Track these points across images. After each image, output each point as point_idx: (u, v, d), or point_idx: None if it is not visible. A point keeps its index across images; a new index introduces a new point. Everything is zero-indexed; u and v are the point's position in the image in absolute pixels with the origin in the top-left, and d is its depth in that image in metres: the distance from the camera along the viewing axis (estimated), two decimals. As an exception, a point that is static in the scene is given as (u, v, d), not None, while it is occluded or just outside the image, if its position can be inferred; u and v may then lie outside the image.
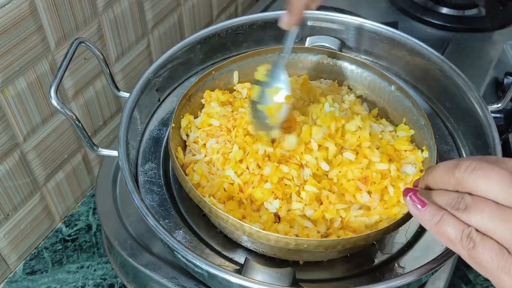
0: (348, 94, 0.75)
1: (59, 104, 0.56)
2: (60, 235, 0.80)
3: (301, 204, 0.59)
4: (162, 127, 0.72)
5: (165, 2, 0.87)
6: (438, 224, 0.42)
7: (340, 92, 0.75)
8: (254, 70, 0.67)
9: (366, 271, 0.60)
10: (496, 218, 0.39)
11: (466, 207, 0.41)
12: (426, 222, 0.44)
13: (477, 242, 0.40)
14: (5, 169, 0.68)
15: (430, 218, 0.43)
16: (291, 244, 0.53)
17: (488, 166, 0.41)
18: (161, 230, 0.54)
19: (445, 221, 0.42)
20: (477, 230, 0.41)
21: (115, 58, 0.81)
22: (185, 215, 0.64)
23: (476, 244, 0.40)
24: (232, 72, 0.74)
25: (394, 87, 0.70)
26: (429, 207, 0.43)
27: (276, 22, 0.80)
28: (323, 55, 0.76)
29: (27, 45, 0.64)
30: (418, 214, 0.44)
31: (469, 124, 0.70)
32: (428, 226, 0.44)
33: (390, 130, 0.69)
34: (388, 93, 0.72)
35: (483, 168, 0.41)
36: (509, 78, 0.93)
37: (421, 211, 0.44)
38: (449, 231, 0.42)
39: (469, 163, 0.42)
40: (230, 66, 0.74)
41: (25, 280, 0.75)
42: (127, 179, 0.58)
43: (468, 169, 0.41)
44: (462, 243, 0.41)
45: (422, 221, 0.44)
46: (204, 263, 0.52)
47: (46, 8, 0.65)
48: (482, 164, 0.41)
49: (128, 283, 0.67)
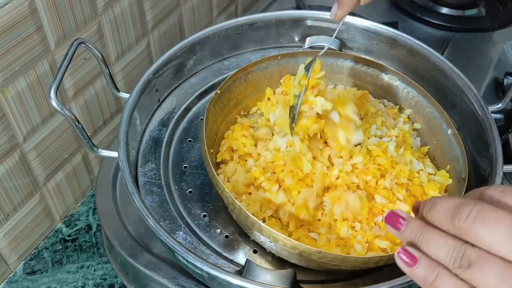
0: (405, 123, 0.72)
1: (58, 105, 0.56)
2: (60, 235, 0.80)
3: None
4: (162, 127, 0.72)
5: (165, 2, 0.87)
6: (434, 284, 0.36)
7: (396, 118, 0.72)
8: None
9: (367, 272, 0.60)
10: (506, 279, 0.33)
11: (470, 264, 0.34)
12: (419, 280, 0.37)
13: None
14: (5, 169, 0.68)
15: (424, 276, 0.37)
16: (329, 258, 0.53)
17: (492, 214, 0.34)
18: (161, 231, 0.54)
19: (442, 281, 0.36)
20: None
21: (115, 58, 0.80)
22: (185, 216, 0.64)
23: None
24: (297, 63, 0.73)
25: (451, 131, 0.67)
26: (422, 264, 0.37)
27: (276, 22, 0.80)
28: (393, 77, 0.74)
29: (27, 45, 0.64)
30: (409, 272, 0.38)
31: (469, 124, 0.70)
32: (422, 285, 0.37)
33: (430, 172, 0.67)
34: (443, 136, 0.68)
35: (486, 216, 0.34)
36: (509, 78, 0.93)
37: (412, 269, 0.37)
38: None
39: (470, 209, 0.35)
40: (298, 57, 0.74)
41: (25, 280, 0.75)
42: (127, 180, 0.58)
43: (469, 218, 0.35)
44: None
45: (414, 278, 0.38)
46: (205, 264, 0.52)
47: (46, 8, 0.65)
48: (485, 212, 0.35)
49: (128, 283, 0.67)
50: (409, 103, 0.73)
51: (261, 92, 0.74)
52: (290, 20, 0.81)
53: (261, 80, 0.74)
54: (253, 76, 0.73)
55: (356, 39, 0.80)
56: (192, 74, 0.78)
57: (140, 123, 0.70)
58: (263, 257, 0.61)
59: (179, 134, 0.73)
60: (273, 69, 0.74)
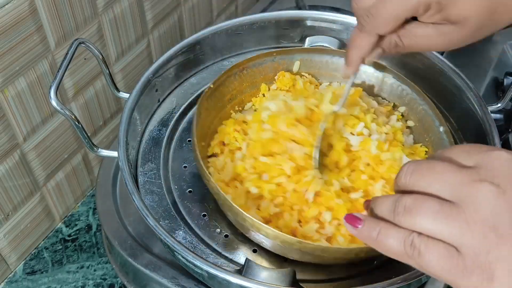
0: (398, 121, 0.71)
1: (58, 105, 0.56)
2: (60, 235, 0.80)
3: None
4: (162, 127, 0.72)
5: (165, 2, 0.87)
6: (377, 239, 0.38)
7: (389, 116, 0.72)
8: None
9: (366, 271, 0.60)
10: (441, 217, 0.35)
11: (405, 210, 0.37)
12: (365, 239, 0.39)
13: (422, 250, 0.36)
14: (5, 169, 0.68)
15: (368, 234, 0.39)
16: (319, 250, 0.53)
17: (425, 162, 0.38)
18: (161, 231, 0.54)
19: (384, 234, 0.38)
20: (422, 234, 0.36)
21: (115, 58, 0.81)
22: (185, 216, 0.64)
23: (421, 252, 0.36)
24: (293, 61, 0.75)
25: (443, 129, 0.66)
26: (366, 223, 0.40)
27: (276, 22, 0.80)
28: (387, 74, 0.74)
29: (27, 45, 0.64)
30: (356, 234, 0.40)
31: (469, 124, 0.70)
32: (370, 243, 0.39)
33: None
34: (435, 133, 0.68)
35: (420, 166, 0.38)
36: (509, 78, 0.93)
37: (358, 229, 0.40)
38: (390, 243, 0.37)
39: (407, 167, 0.38)
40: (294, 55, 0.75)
41: (25, 280, 0.75)
42: (127, 179, 0.58)
43: (407, 173, 0.38)
44: (407, 254, 0.37)
45: (362, 239, 0.40)
46: (204, 263, 0.52)
47: (46, 8, 0.65)
48: (418, 163, 0.38)
49: (128, 283, 0.67)
50: (403, 101, 0.73)
51: (256, 88, 0.75)
52: (290, 20, 0.81)
53: (256, 76, 0.74)
54: (248, 72, 0.73)
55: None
56: (192, 74, 0.78)
57: (140, 123, 0.70)
58: (263, 257, 0.61)
59: (179, 134, 0.73)
60: (268, 66, 0.74)
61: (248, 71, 0.73)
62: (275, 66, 0.75)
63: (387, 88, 0.74)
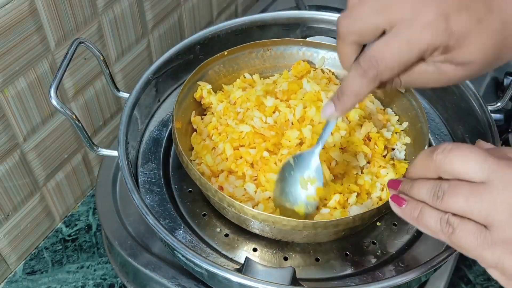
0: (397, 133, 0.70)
1: (59, 104, 0.56)
2: (60, 235, 0.80)
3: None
4: (162, 127, 0.72)
5: (165, 2, 0.87)
6: (418, 218, 0.44)
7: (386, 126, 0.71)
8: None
9: (366, 270, 0.60)
10: (471, 199, 0.40)
11: (444, 194, 0.42)
12: (408, 218, 0.45)
13: (455, 226, 0.41)
14: (5, 169, 0.68)
15: (411, 214, 0.45)
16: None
17: (464, 146, 0.42)
18: (161, 230, 0.54)
19: (424, 214, 0.43)
20: (456, 215, 0.41)
21: (115, 58, 0.81)
22: (185, 215, 0.64)
23: (455, 228, 0.41)
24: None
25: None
26: (409, 204, 0.45)
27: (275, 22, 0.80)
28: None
29: (27, 45, 0.64)
30: (400, 212, 0.46)
31: (469, 124, 0.70)
32: (411, 222, 0.45)
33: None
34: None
35: (459, 147, 0.42)
36: (509, 78, 0.93)
37: (402, 209, 0.45)
38: (429, 222, 0.43)
39: (446, 145, 0.42)
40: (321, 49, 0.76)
41: (25, 280, 0.75)
42: (127, 179, 0.58)
43: (445, 151, 0.42)
44: (443, 230, 0.42)
45: (405, 218, 0.46)
46: (204, 262, 0.52)
47: (46, 8, 0.65)
48: (458, 144, 0.42)
49: (128, 283, 0.67)
50: (408, 116, 0.71)
51: (278, 72, 0.76)
52: (290, 20, 0.81)
53: (280, 61, 0.75)
54: (271, 54, 0.74)
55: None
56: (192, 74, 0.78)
57: (140, 123, 0.70)
58: (263, 256, 0.61)
59: (179, 134, 0.73)
60: (294, 54, 0.76)
61: (272, 53, 0.74)
62: (300, 56, 0.76)
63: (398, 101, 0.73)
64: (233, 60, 0.72)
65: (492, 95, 0.96)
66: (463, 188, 0.41)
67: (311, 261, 0.61)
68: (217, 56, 0.71)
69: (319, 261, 0.61)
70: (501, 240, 0.39)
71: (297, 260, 0.61)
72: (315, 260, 0.61)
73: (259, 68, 0.74)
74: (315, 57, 0.76)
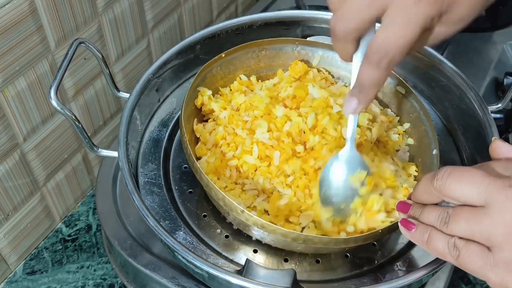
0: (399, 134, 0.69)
1: (59, 105, 0.56)
2: (60, 235, 0.80)
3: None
4: (162, 128, 0.72)
5: (165, 2, 0.87)
6: (427, 242, 0.46)
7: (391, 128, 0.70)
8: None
9: (367, 271, 0.60)
10: (472, 222, 0.42)
11: (449, 219, 0.44)
12: (418, 242, 0.48)
13: (460, 249, 0.43)
14: (5, 169, 0.68)
15: (420, 237, 0.47)
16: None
17: (462, 169, 0.44)
18: (161, 231, 0.54)
19: (433, 238, 0.46)
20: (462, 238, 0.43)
21: (115, 58, 0.80)
22: (185, 216, 0.64)
23: (460, 251, 0.43)
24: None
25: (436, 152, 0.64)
26: (418, 228, 0.47)
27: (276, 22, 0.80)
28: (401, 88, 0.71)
29: (27, 45, 0.64)
30: (409, 236, 0.48)
31: (469, 124, 0.70)
32: (421, 245, 0.47)
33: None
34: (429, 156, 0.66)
35: (456, 171, 0.44)
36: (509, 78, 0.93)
37: (411, 233, 0.48)
38: (437, 245, 0.45)
39: (445, 170, 0.44)
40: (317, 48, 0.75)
41: (25, 280, 0.75)
42: (127, 180, 0.58)
43: (444, 176, 0.44)
44: (450, 253, 0.44)
45: (414, 241, 0.48)
46: (205, 264, 0.52)
47: (46, 8, 0.65)
48: (456, 168, 0.44)
49: (128, 283, 0.67)
50: (409, 117, 0.70)
51: (273, 72, 0.75)
52: (290, 20, 0.81)
53: (275, 60, 0.75)
54: (266, 53, 0.74)
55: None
56: (192, 74, 0.78)
57: (140, 123, 0.70)
58: (263, 257, 0.61)
59: (179, 134, 0.73)
60: (289, 53, 0.75)
61: (267, 52, 0.74)
62: (295, 55, 0.75)
63: (398, 102, 0.73)
64: (229, 62, 0.71)
65: (492, 95, 0.96)
66: (465, 213, 0.43)
67: (311, 262, 0.61)
68: (215, 59, 0.70)
69: (319, 263, 0.61)
70: (503, 261, 0.41)
71: (297, 261, 0.61)
72: (315, 262, 0.61)
73: (254, 68, 0.74)
74: (310, 56, 0.76)
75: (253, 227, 0.55)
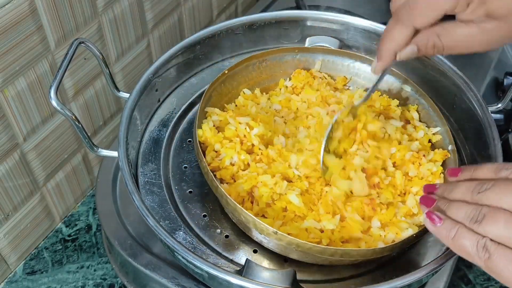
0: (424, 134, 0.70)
1: (58, 105, 0.56)
2: (60, 235, 0.80)
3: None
4: (162, 127, 0.72)
5: (165, 2, 0.87)
6: (454, 238, 0.44)
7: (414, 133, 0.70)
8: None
9: (367, 271, 0.60)
10: (510, 225, 0.40)
11: (484, 218, 0.42)
12: (443, 237, 0.45)
13: (491, 252, 0.41)
14: (5, 169, 0.68)
15: (446, 233, 0.44)
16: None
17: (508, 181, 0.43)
18: (161, 231, 0.54)
19: (461, 235, 0.43)
20: (493, 240, 0.41)
21: (115, 58, 0.80)
22: (185, 216, 0.64)
23: (491, 254, 0.41)
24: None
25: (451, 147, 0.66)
26: (445, 223, 0.45)
27: (276, 22, 0.80)
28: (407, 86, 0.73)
29: (27, 45, 0.64)
30: (434, 230, 0.46)
31: (469, 124, 0.70)
32: (445, 241, 0.45)
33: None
34: None
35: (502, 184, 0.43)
36: (509, 78, 0.93)
37: (437, 227, 0.45)
38: (465, 244, 0.43)
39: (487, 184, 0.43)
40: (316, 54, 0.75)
41: (25, 280, 0.75)
42: (127, 179, 0.58)
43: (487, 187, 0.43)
44: (479, 255, 0.42)
45: (438, 236, 0.46)
46: (204, 264, 0.52)
47: (46, 8, 0.65)
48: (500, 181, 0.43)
49: (128, 283, 0.67)
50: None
51: (275, 82, 0.75)
52: (290, 20, 0.81)
53: (276, 70, 0.75)
54: (267, 64, 0.74)
55: (356, 39, 0.80)
56: (192, 74, 0.78)
57: (140, 123, 0.70)
58: (263, 257, 0.61)
59: (179, 134, 0.73)
60: (289, 62, 0.75)
61: (268, 63, 0.74)
62: (296, 63, 0.76)
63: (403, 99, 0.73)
64: (232, 77, 0.71)
65: (492, 95, 0.96)
66: (504, 214, 0.41)
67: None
68: (218, 77, 0.69)
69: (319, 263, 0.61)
70: None
71: (297, 262, 0.61)
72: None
73: (256, 81, 0.73)
74: (311, 63, 0.76)
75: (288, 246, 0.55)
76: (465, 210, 0.44)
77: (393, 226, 0.59)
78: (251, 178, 0.60)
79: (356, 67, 0.76)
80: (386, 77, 0.72)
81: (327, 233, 0.58)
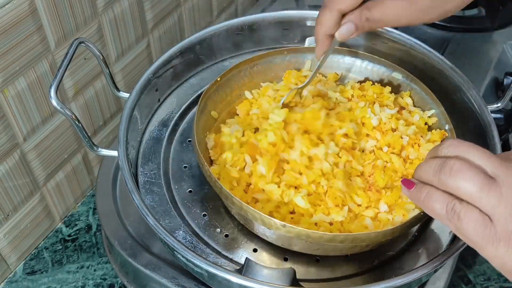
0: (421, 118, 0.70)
1: (59, 104, 0.56)
2: (60, 235, 0.80)
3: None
4: (162, 127, 0.72)
5: (165, 2, 0.87)
6: (424, 199, 0.44)
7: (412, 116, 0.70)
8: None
9: (366, 270, 0.60)
10: (483, 186, 0.40)
11: (452, 171, 0.42)
12: (415, 200, 0.46)
13: (461, 215, 0.41)
14: (5, 169, 0.68)
15: (417, 194, 0.45)
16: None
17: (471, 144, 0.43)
18: (161, 230, 0.54)
19: (431, 196, 0.44)
20: (461, 199, 0.42)
21: (115, 58, 0.81)
22: (185, 215, 0.64)
23: (461, 217, 0.41)
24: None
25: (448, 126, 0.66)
26: (417, 186, 0.46)
27: (276, 22, 0.80)
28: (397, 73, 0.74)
29: (27, 45, 0.64)
30: (408, 194, 0.47)
31: (469, 124, 0.70)
32: (418, 204, 0.46)
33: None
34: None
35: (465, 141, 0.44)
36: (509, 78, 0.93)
37: (410, 191, 0.46)
38: (435, 206, 0.43)
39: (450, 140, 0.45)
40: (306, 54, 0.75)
41: (25, 280, 0.75)
42: (127, 179, 0.58)
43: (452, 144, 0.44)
44: (448, 217, 0.42)
45: (412, 200, 0.47)
46: (204, 262, 0.52)
47: (46, 8, 0.65)
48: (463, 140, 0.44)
49: (128, 283, 0.67)
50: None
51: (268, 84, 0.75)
52: (290, 20, 0.81)
53: (267, 74, 0.75)
54: (258, 69, 0.73)
55: (355, 39, 0.80)
56: (192, 74, 0.78)
57: (140, 123, 0.70)
58: (263, 256, 0.61)
59: (179, 134, 0.73)
60: (279, 64, 0.75)
61: (259, 67, 0.73)
62: (286, 64, 0.75)
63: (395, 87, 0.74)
64: (225, 84, 0.70)
65: (492, 95, 0.96)
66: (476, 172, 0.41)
67: (311, 261, 0.61)
68: (211, 84, 0.68)
69: (319, 262, 0.61)
70: (505, 235, 0.40)
71: (297, 260, 0.61)
72: (315, 261, 0.61)
73: (249, 86, 0.73)
74: (301, 63, 0.76)
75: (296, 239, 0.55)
76: (432, 168, 0.44)
77: (400, 208, 0.58)
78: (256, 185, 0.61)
79: (346, 62, 0.76)
80: (376, 68, 0.74)
81: (337, 225, 0.58)
